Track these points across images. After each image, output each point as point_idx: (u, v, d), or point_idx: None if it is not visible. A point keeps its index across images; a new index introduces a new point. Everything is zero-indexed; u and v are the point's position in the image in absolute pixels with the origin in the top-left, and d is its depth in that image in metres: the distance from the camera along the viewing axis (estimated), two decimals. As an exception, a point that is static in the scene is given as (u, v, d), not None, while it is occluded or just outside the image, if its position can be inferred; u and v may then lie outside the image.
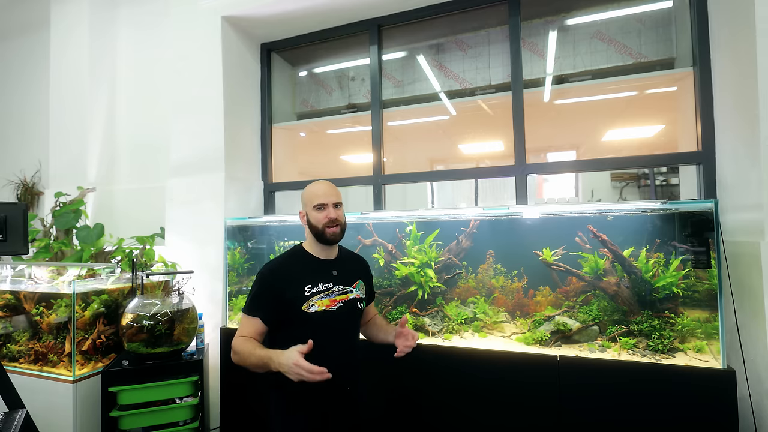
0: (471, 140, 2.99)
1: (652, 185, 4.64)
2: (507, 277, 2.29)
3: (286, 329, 1.41)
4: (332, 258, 1.53)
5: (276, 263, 1.47)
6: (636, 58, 2.39)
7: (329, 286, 1.45)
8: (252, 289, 1.43)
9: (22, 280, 2.56)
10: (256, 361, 1.29)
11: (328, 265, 1.50)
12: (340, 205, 1.50)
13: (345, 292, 1.48)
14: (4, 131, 4.19)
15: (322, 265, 1.49)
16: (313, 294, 1.41)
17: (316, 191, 1.48)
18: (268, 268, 1.44)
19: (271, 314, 1.40)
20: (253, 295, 1.42)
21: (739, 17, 1.83)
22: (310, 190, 1.51)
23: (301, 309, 1.38)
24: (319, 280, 1.44)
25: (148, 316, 2.10)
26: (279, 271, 1.44)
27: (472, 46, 2.81)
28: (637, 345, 1.90)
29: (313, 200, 1.47)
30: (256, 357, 1.29)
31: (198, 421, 2.16)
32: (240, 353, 1.34)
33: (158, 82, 3.43)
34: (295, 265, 1.46)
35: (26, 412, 1.48)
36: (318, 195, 1.47)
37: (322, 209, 1.46)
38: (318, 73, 3.35)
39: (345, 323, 1.48)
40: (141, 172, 3.50)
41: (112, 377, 2.03)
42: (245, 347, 1.33)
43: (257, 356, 1.29)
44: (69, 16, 3.52)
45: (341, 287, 1.48)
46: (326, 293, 1.43)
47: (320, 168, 3.69)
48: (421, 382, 2.05)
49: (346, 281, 1.50)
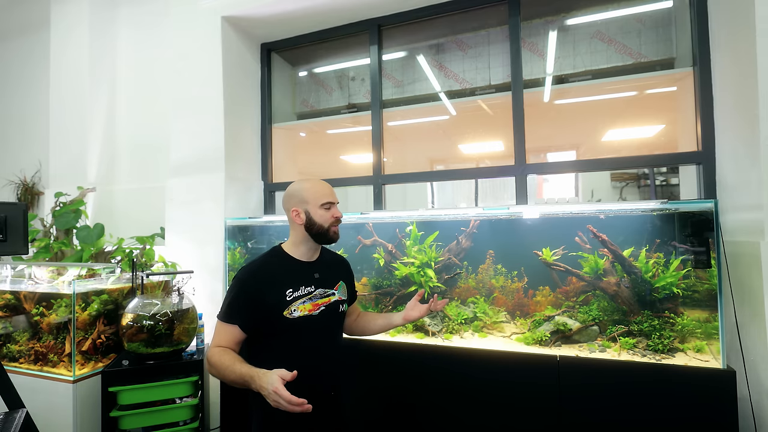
0: (471, 140, 2.99)
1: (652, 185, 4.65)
2: (507, 277, 2.29)
3: (266, 336, 1.34)
4: (314, 260, 1.47)
5: (255, 266, 1.38)
6: (636, 58, 2.39)
7: (311, 289, 1.39)
8: (228, 294, 1.34)
9: (22, 280, 2.56)
10: (236, 378, 1.21)
11: (310, 267, 1.44)
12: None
13: (327, 295, 1.43)
14: (4, 131, 4.19)
15: (303, 267, 1.43)
16: (295, 299, 1.35)
17: (322, 190, 1.43)
18: (246, 272, 1.35)
19: (250, 321, 1.31)
20: (230, 300, 1.32)
21: (739, 17, 1.83)
22: (313, 188, 1.43)
23: (282, 315, 1.32)
24: (300, 283, 1.38)
25: (148, 316, 2.09)
26: (258, 274, 1.35)
27: (472, 46, 2.81)
28: (637, 345, 1.90)
29: (319, 199, 1.41)
30: (236, 374, 1.21)
31: (198, 421, 2.16)
32: (217, 367, 1.24)
33: (158, 82, 3.43)
34: (275, 268, 1.39)
35: (26, 412, 1.48)
36: (326, 194, 1.42)
37: (330, 208, 1.41)
38: (318, 73, 3.35)
39: (328, 327, 1.43)
40: (141, 172, 3.50)
41: (112, 377, 2.03)
42: (223, 361, 1.24)
43: (237, 373, 1.21)
44: (69, 16, 3.52)
45: (323, 290, 1.42)
46: (308, 297, 1.38)
47: (320, 168, 3.69)
48: (420, 382, 2.04)
49: (328, 284, 1.45)
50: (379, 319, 1.61)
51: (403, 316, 1.55)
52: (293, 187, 1.46)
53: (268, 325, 1.32)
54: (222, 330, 1.32)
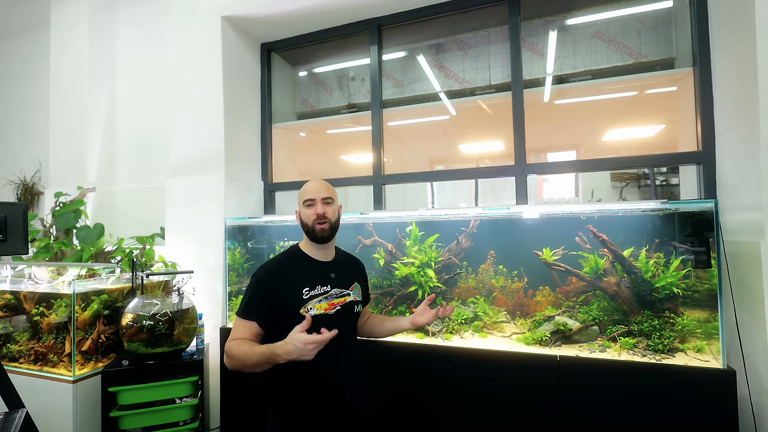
0: (471, 140, 2.98)
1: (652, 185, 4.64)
2: (507, 277, 2.29)
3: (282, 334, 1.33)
4: (329, 260, 1.49)
5: (273, 264, 1.42)
6: (636, 58, 2.39)
7: (327, 288, 1.41)
8: (247, 292, 1.38)
9: (22, 280, 2.56)
10: (259, 359, 1.24)
11: (326, 267, 1.46)
12: (332, 202, 1.46)
13: (343, 295, 1.44)
14: (4, 131, 4.19)
15: (319, 267, 1.45)
16: (311, 297, 1.37)
17: (306, 188, 1.46)
18: (264, 270, 1.39)
19: (267, 317, 1.35)
20: (249, 297, 1.37)
21: (739, 17, 1.83)
22: (303, 187, 1.48)
23: (298, 312, 1.34)
24: (317, 282, 1.40)
25: (148, 316, 2.09)
26: (276, 272, 1.39)
27: (472, 46, 2.81)
28: (637, 345, 1.90)
29: (302, 197, 1.45)
30: (258, 354, 1.24)
31: (198, 421, 2.16)
32: (237, 356, 1.28)
33: (158, 82, 3.43)
34: (292, 267, 1.42)
35: (26, 412, 1.48)
36: (307, 191, 1.44)
37: (311, 205, 1.43)
38: (318, 73, 3.35)
39: (343, 327, 1.43)
40: (141, 172, 3.50)
41: (112, 377, 2.03)
42: (242, 348, 1.28)
43: (258, 353, 1.24)
44: (69, 16, 3.52)
45: (339, 290, 1.44)
46: (324, 296, 1.40)
47: (320, 168, 3.69)
48: (420, 382, 2.04)
49: (344, 284, 1.47)
50: (387, 323, 1.61)
51: (411, 321, 1.54)
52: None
53: (284, 322, 1.33)
54: (240, 325, 1.35)
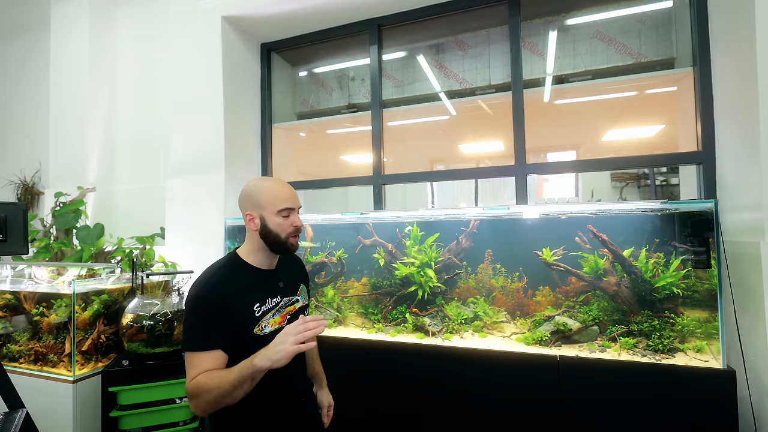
0: (471, 140, 2.98)
1: (652, 185, 4.64)
2: (507, 277, 2.29)
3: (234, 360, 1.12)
4: (275, 267, 1.31)
5: (214, 279, 1.19)
6: (636, 58, 2.39)
7: (278, 300, 1.26)
8: (192, 319, 1.14)
9: (22, 280, 2.55)
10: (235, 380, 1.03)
11: (273, 276, 1.30)
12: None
13: (292, 302, 1.31)
14: (4, 131, 4.19)
15: (267, 277, 1.27)
16: (263, 313, 1.21)
17: (281, 193, 1.23)
18: (205, 288, 1.17)
19: (228, 339, 1.14)
20: (200, 323, 1.13)
21: (739, 17, 1.83)
22: (270, 190, 1.24)
23: (253, 333, 1.17)
24: (266, 296, 1.23)
25: (148, 316, 2.09)
26: (220, 289, 1.17)
27: (472, 46, 2.81)
28: (637, 345, 1.90)
29: (277, 204, 1.22)
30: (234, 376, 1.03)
31: (198, 421, 2.16)
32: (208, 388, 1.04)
33: (158, 82, 3.43)
34: (237, 281, 1.21)
35: (26, 412, 1.48)
36: (284, 198, 1.23)
37: (289, 215, 1.24)
38: (318, 73, 3.35)
39: None
40: (141, 172, 3.50)
41: (112, 377, 2.03)
42: (211, 379, 1.05)
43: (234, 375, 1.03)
44: (69, 16, 3.52)
45: (288, 298, 1.30)
46: (276, 309, 1.25)
47: (320, 168, 3.69)
48: (420, 382, 2.04)
49: (292, 290, 1.33)
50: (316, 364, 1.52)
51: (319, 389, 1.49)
52: (249, 187, 1.28)
53: (236, 343, 1.16)
54: (199, 360, 1.10)
